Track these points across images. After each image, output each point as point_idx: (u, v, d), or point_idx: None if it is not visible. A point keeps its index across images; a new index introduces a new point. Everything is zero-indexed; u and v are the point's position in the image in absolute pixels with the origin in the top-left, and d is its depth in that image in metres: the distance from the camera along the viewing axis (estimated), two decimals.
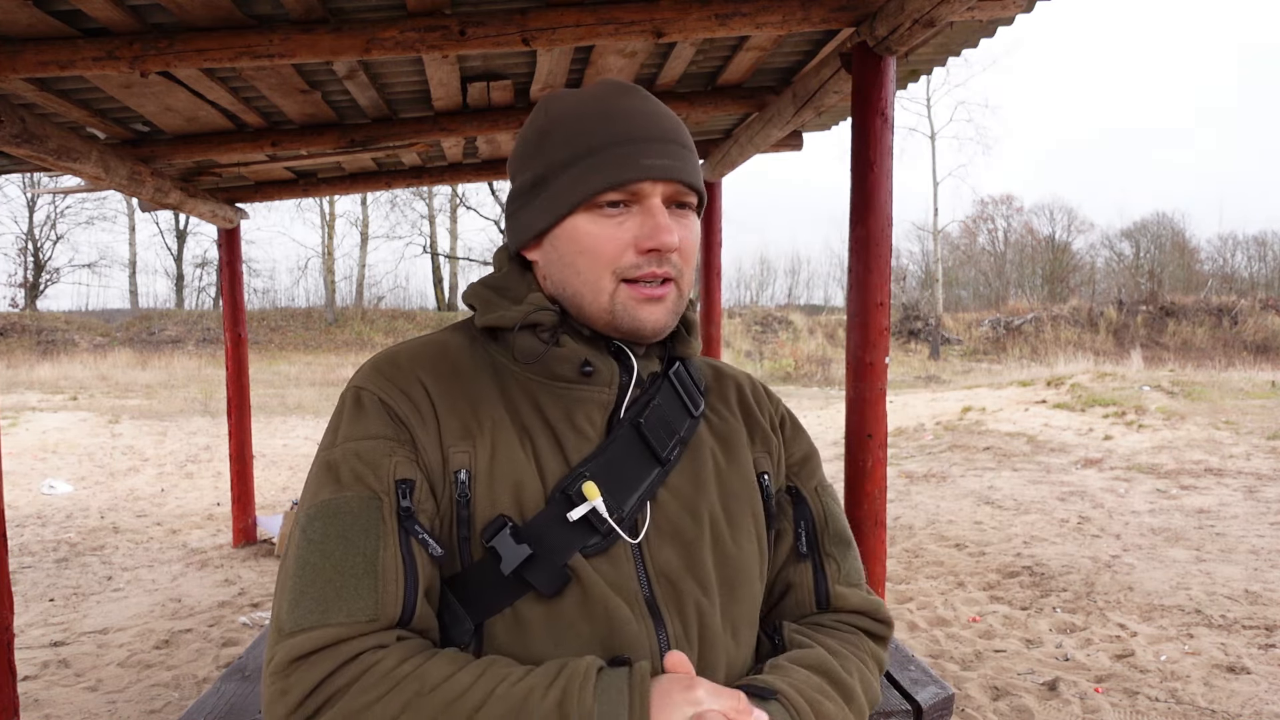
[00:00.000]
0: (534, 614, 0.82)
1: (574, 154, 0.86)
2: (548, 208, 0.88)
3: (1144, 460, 8.40)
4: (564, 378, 0.88)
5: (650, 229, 0.84)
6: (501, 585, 0.82)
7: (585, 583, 0.82)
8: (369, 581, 0.77)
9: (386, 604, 0.77)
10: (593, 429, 0.88)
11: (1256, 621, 4.12)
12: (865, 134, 2.85)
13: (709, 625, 0.86)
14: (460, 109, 4.01)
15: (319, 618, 0.75)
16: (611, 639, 0.82)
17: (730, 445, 0.96)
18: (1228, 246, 37.94)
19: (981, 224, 39.18)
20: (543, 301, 0.89)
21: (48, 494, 7.95)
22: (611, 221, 0.85)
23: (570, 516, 0.83)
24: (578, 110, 0.88)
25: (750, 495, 0.94)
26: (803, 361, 22.63)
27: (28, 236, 31.77)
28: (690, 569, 0.87)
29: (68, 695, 3.56)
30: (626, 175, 0.83)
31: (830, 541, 0.98)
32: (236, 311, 6.11)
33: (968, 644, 3.93)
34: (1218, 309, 26.35)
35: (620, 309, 0.86)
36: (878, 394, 2.93)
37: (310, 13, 2.70)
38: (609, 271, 0.85)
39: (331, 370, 21.17)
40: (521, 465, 0.85)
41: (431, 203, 32.81)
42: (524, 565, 0.81)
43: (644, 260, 0.84)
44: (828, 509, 1.00)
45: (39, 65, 2.69)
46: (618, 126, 0.85)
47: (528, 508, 0.83)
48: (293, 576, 0.78)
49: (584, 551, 0.83)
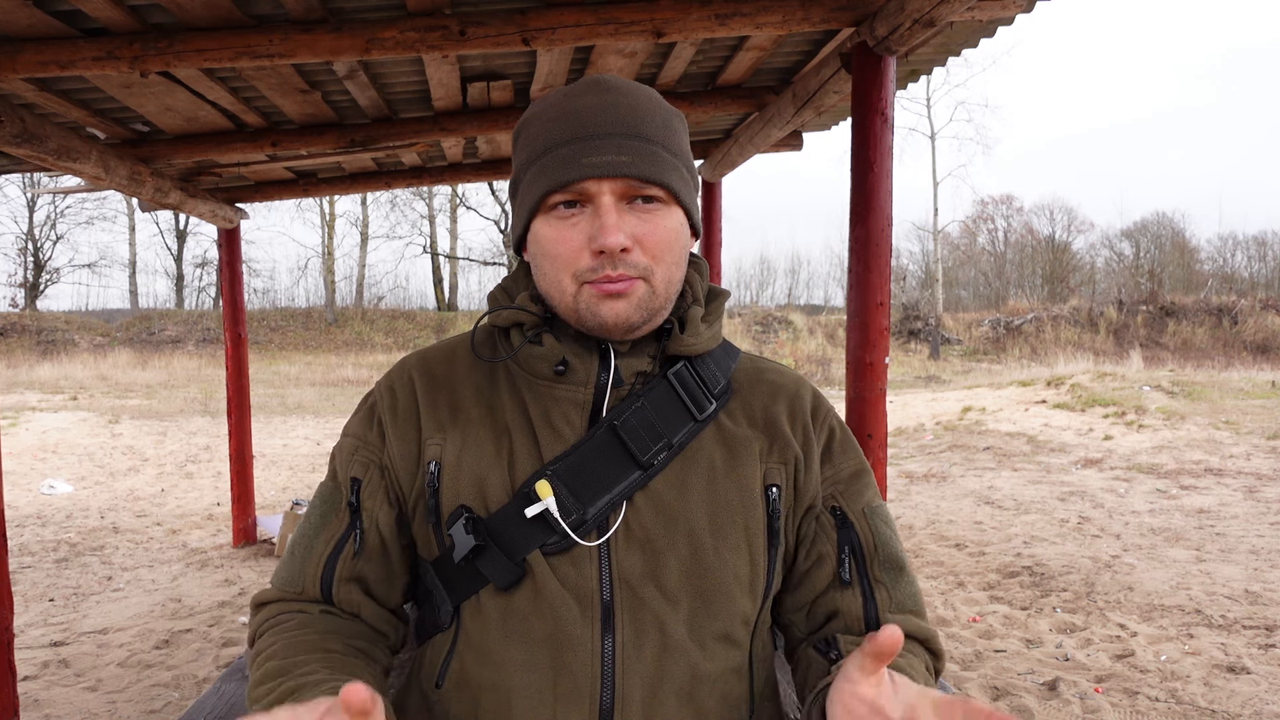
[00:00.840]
0: (493, 605, 0.86)
1: (530, 157, 0.86)
2: (519, 212, 0.89)
3: (1144, 460, 8.40)
4: (542, 375, 0.89)
5: (595, 230, 0.81)
6: (466, 573, 0.87)
7: (538, 580, 0.84)
8: (303, 558, 0.92)
9: (308, 581, 0.91)
10: (570, 428, 0.88)
11: (1256, 621, 4.12)
12: (865, 134, 2.85)
13: (670, 634, 0.84)
14: (460, 109, 4.01)
15: (274, 577, 0.94)
16: (555, 640, 0.83)
17: (735, 454, 0.90)
18: (1228, 246, 37.99)
19: (981, 224, 39.20)
20: (525, 301, 0.91)
21: (48, 494, 7.94)
22: (565, 223, 0.83)
23: (527, 513, 0.84)
24: (539, 112, 0.88)
25: (747, 507, 0.88)
26: (803, 361, 22.62)
27: (28, 236, 31.78)
28: (654, 576, 0.85)
29: (68, 695, 3.56)
30: (567, 176, 0.81)
31: (880, 567, 0.92)
32: (236, 311, 6.11)
33: (968, 644, 3.93)
34: (1218, 309, 26.34)
35: (584, 307, 0.84)
36: (878, 394, 2.93)
37: (310, 13, 2.70)
38: (569, 274, 0.84)
39: (331, 370, 21.17)
40: (489, 460, 0.87)
41: (431, 203, 32.83)
42: (476, 557, 0.85)
43: (599, 262, 0.82)
44: (876, 532, 0.93)
45: (39, 65, 2.69)
46: (565, 125, 0.83)
47: (492, 502, 0.86)
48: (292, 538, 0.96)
49: (544, 549, 0.84)
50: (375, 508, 0.91)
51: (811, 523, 0.93)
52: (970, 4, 2.41)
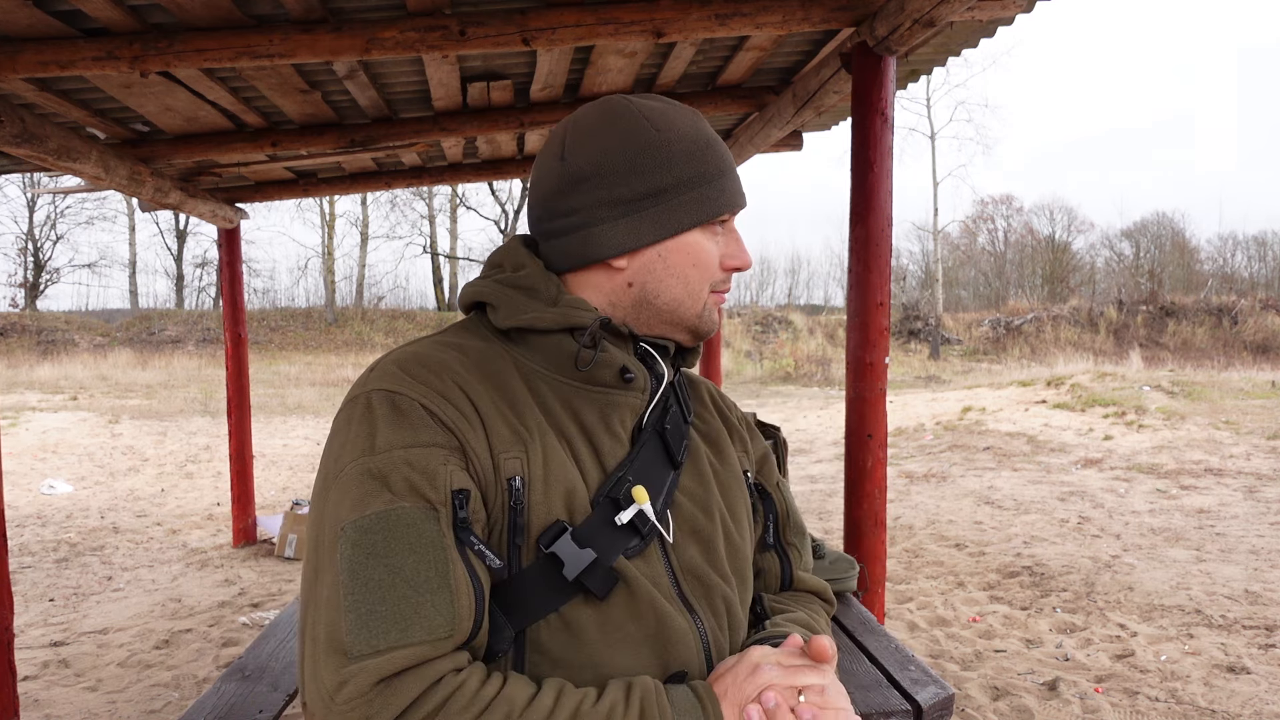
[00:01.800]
0: (583, 617, 0.83)
1: (699, 174, 0.92)
2: (666, 220, 0.91)
3: (1144, 460, 8.40)
4: (603, 383, 0.90)
5: (737, 250, 0.96)
6: (551, 591, 0.82)
7: (632, 584, 0.85)
8: (445, 596, 0.74)
9: (462, 619, 0.74)
10: (625, 433, 0.91)
11: (1256, 621, 4.12)
12: (865, 134, 2.85)
13: (735, 613, 0.93)
14: (460, 109, 4.01)
15: (399, 636, 0.72)
16: (660, 636, 0.85)
17: (718, 445, 1.02)
18: (1228, 246, 37.97)
19: (981, 224, 39.19)
20: (586, 305, 0.90)
21: (48, 494, 7.94)
22: (716, 240, 0.94)
23: (619, 520, 0.85)
24: (691, 133, 0.93)
25: (741, 491, 1.01)
26: (803, 361, 22.63)
27: (28, 236, 31.78)
28: (712, 563, 0.92)
29: (68, 695, 3.56)
30: (736, 202, 0.94)
31: (792, 532, 1.09)
32: (236, 311, 6.11)
33: (968, 644, 3.93)
34: (1218, 309, 26.34)
35: (707, 314, 0.95)
36: (878, 394, 2.93)
37: (310, 13, 2.70)
38: (708, 283, 0.94)
39: (331, 370, 21.17)
40: (571, 470, 0.86)
41: (431, 203, 32.81)
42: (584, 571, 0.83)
43: (726, 276, 0.96)
44: (788, 502, 1.10)
45: (39, 65, 2.69)
46: (717, 156, 0.94)
47: (577, 513, 0.84)
48: (352, 593, 0.73)
49: (626, 554, 0.86)
50: (484, 521, 0.81)
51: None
52: (970, 4, 2.41)
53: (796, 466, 9.07)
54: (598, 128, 0.92)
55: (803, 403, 14.81)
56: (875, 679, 1.76)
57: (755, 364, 22.91)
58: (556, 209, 0.92)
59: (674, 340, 0.97)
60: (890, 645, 1.94)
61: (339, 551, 0.75)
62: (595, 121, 0.92)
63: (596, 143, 0.91)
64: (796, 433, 11.37)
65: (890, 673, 1.79)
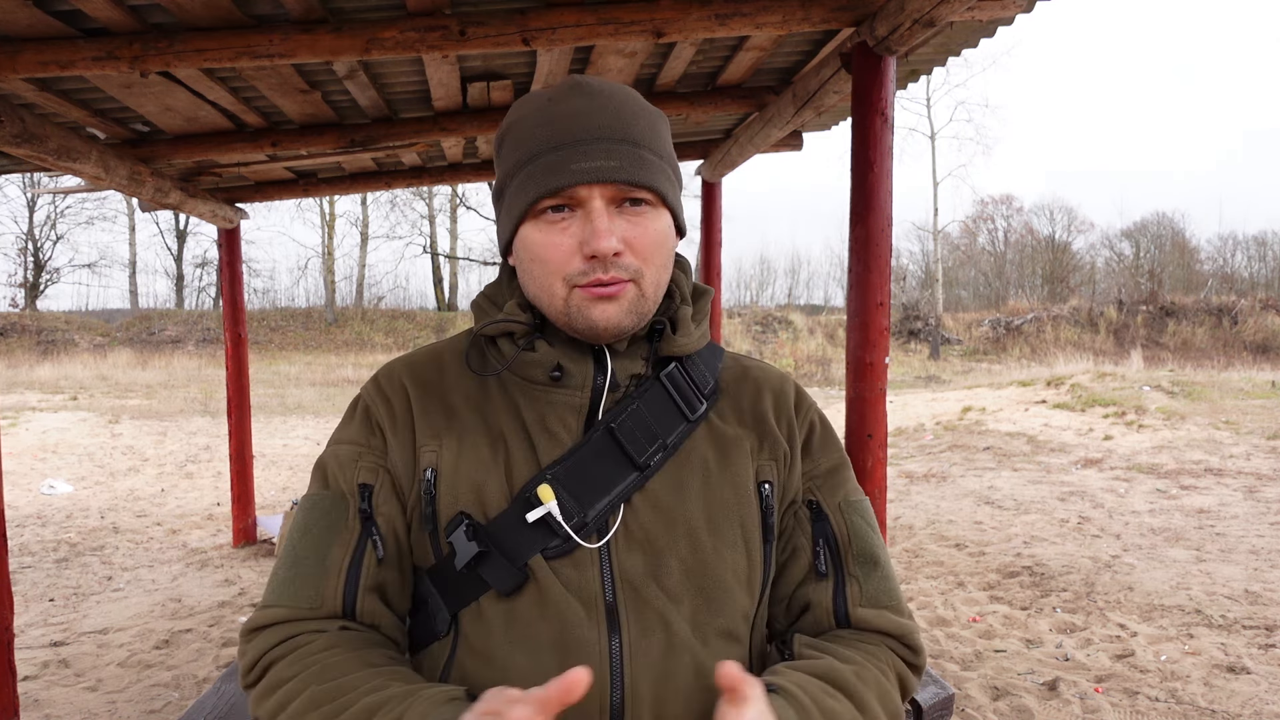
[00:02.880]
0: (495, 611, 0.85)
1: (518, 162, 0.87)
2: (506, 217, 0.89)
3: (1144, 460, 8.40)
4: (537, 381, 0.90)
5: (587, 234, 0.83)
6: (466, 580, 0.86)
7: (542, 584, 0.84)
8: (318, 572, 0.86)
9: (327, 596, 0.85)
10: (566, 432, 0.88)
11: (1256, 621, 4.12)
12: (865, 134, 2.85)
13: (675, 632, 0.85)
14: (460, 109, 4.01)
15: (275, 597, 0.86)
16: (562, 643, 0.83)
17: (728, 452, 0.92)
18: (1228, 246, 37.97)
19: (981, 224, 39.20)
20: (514, 310, 0.90)
21: (48, 494, 7.95)
22: (555, 228, 0.84)
23: (528, 518, 0.84)
24: (523, 117, 0.88)
25: (742, 505, 0.90)
26: (803, 361, 22.63)
27: (28, 236, 31.78)
28: (655, 576, 0.85)
29: (68, 695, 3.56)
30: (557, 182, 0.82)
31: (855, 561, 0.93)
32: (236, 311, 6.11)
33: (968, 644, 3.93)
34: (1218, 309, 26.34)
35: (574, 311, 0.85)
36: (878, 394, 2.93)
37: (310, 13, 2.70)
38: (559, 278, 0.85)
39: (331, 370, 21.17)
40: (486, 465, 0.87)
41: (431, 203, 32.81)
42: (479, 563, 0.84)
43: (590, 266, 0.83)
44: (852, 525, 0.94)
45: (39, 65, 2.69)
46: (552, 131, 0.84)
47: (490, 507, 0.86)
48: (278, 557, 0.90)
49: (545, 553, 0.84)
50: (391, 513, 0.89)
51: (790, 517, 0.95)
52: (970, 4, 2.41)
53: None
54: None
55: None
56: None
57: None
58: None
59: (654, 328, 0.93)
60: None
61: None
62: None
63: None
64: None
65: None
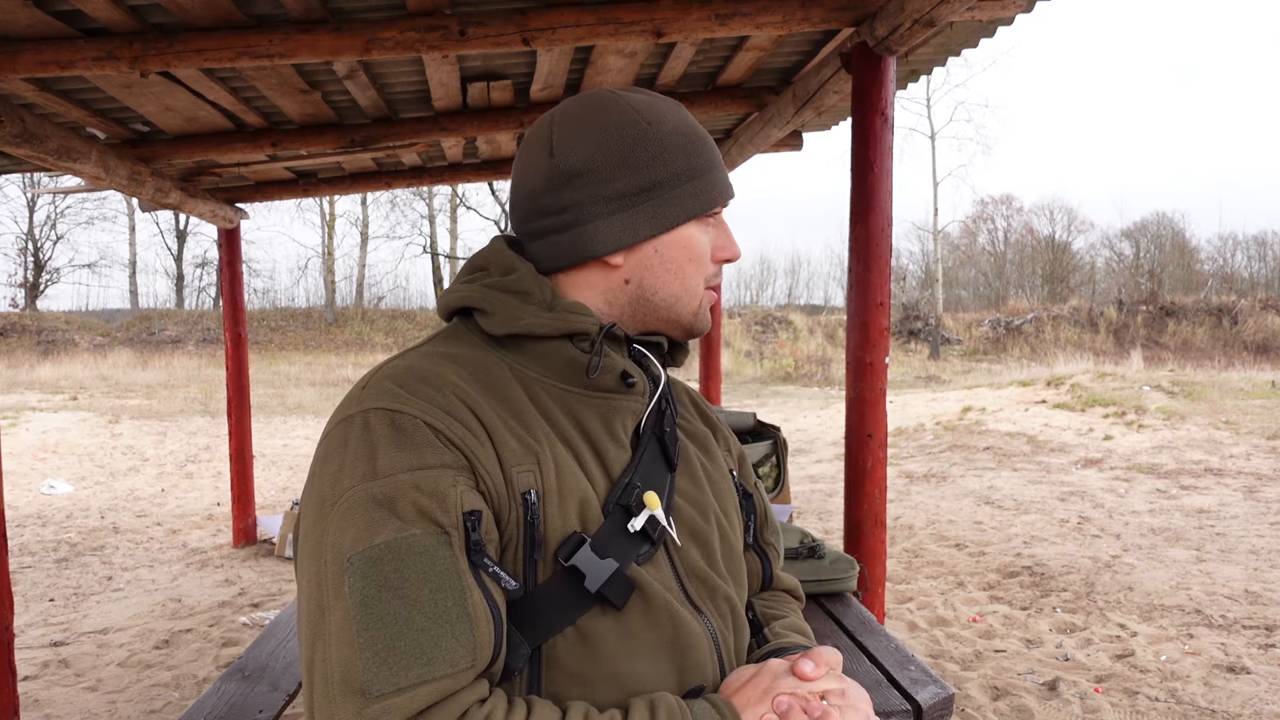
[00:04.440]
0: (601, 628, 0.81)
1: (691, 168, 0.91)
2: (661, 215, 0.89)
3: (1144, 460, 8.40)
4: (605, 388, 0.88)
5: (728, 242, 0.95)
6: (568, 605, 0.79)
7: (647, 590, 0.83)
8: (465, 625, 0.71)
9: (482, 647, 0.72)
10: (626, 438, 0.90)
11: (1256, 621, 4.12)
12: (865, 134, 2.85)
13: (738, 613, 0.94)
14: (460, 109, 4.01)
15: (421, 671, 0.69)
16: (676, 641, 0.84)
17: (706, 446, 1.02)
18: (1228, 246, 37.97)
19: (981, 224, 39.19)
20: (584, 309, 0.87)
21: (48, 494, 7.94)
22: (709, 234, 0.94)
23: (631, 526, 0.84)
24: (681, 126, 0.92)
25: (731, 491, 1.02)
26: (803, 361, 22.62)
27: (28, 236, 31.78)
28: (712, 564, 0.92)
29: (68, 695, 3.56)
30: (727, 194, 0.94)
31: (769, 532, 1.10)
32: (236, 311, 6.11)
33: (968, 644, 3.93)
34: (1218, 309, 26.33)
35: (704, 312, 0.95)
36: (878, 394, 2.93)
37: (310, 13, 2.70)
38: (704, 278, 0.93)
39: (331, 370, 21.17)
40: (581, 480, 0.83)
41: (431, 203, 32.79)
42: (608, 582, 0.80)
43: (717, 269, 0.96)
44: (765, 502, 1.11)
45: (39, 65, 2.69)
46: (709, 149, 0.93)
47: (590, 522, 0.82)
48: (366, 628, 0.69)
49: (638, 560, 0.85)
50: (496, 538, 0.78)
51: None
52: (970, 4, 2.41)
53: (796, 466, 9.07)
54: (587, 122, 0.89)
55: (803, 403, 14.81)
56: (875, 679, 1.76)
57: (755, 364, 22.90)
58: (546, 207, 0.89)
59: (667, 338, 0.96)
60: (890, 645, 1.94)
61: (347, 584, 0.71)
62: (583, 115, 0.89)
63: (588, 137, 0.88)
64: (796, 433, 11.37)
65: (890, 673, 1.79)
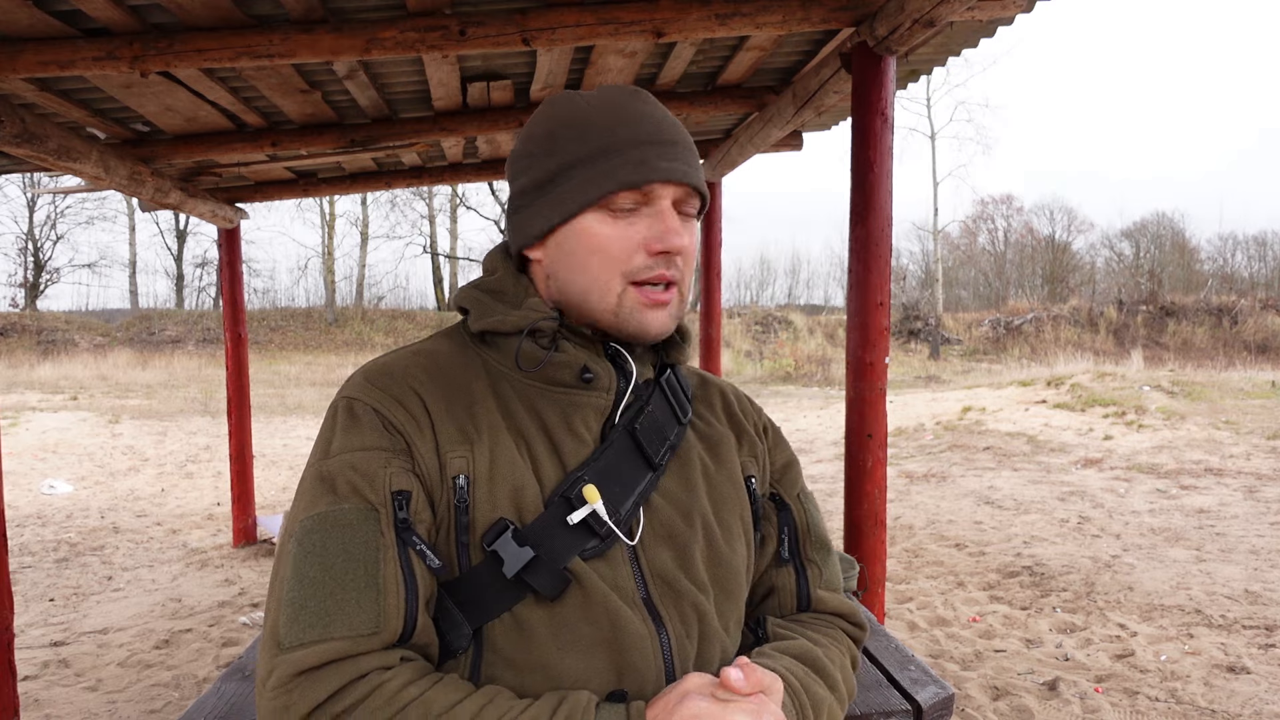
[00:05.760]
0: (535, 617, 0.83)
1: (589, 153, 0.86)
2: (557, 206, 0.87)
3: (1144, 460, 8.40)
4: (563, 383, 0.89)
5: (661, 231, 0.85)
6: (501, 589, 0.82)
7: (586, 585, 0.83)
8: (371, 595, 0.76)
9: (389, 618, 0.76)
10: (589, 434, 0.89)
11: (1256, 621, 4.12)
12: (865, 134, 2.85)
13: (708, 624, 0.89)
14: (460, 109, 4.01)
15: (321, 631, 0.74)
16: (615, 640, 0.83)
17: (718, 450, 0.97)
18: (1228, 246, 37.96)
19: (981, 224, 39.19)
20: (542, 306, 0.89)
21: (48, 494, 7.94)
22: (622, 223, 0.86)
23: (570, 519, 0.83)
24: (589, 112, 0.88)
25: (738, 499, 0.96)
26: (803, 361, 22.62)
27: (28, 236, 31.77)
28: (685, 569, 0.89)
29: (68, 695, 3.56)
30: (644, 176, 0.84)
31: (812, 548, 1.02)
32: (236, 311, 6.11)
33: (968, 644, 3.93)
34: (1218, 309, 26.33)
35: (626, 312, 0.87)
36: (878, 394, 2.93)
37: (310, 13, 2.70)
38: (619, 273, 0.86)
39: (331, 370, 21.17)
40: (520, 469, 0.85)
41: (431, 203, 32.81)
42: (525, 568, 0.81)
43: (654, 262, 0.85)
44: (810, 516, 1.03)
45: (39, 65, 2.69)
46: (634, 129, 0.86)
47: (526, 511, 0.84)
48: (290, 589, 0.76)
49: (582, 555, 0.84)
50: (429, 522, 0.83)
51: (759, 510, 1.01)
52: (970, 4, 2.41)
53: None
54: (534, 116, 0.93)
55: (803, 403, 14.81)
56: (875, 679, 1.76)
57: (755, 364, 22.90)
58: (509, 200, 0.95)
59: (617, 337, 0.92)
60: (890, 645, 1.94)
61: (289, 548, 0.79)
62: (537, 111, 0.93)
63: (528, 127, 0.92)
64: (796, 433, 11.37)
65: (890, 672, 1.79)
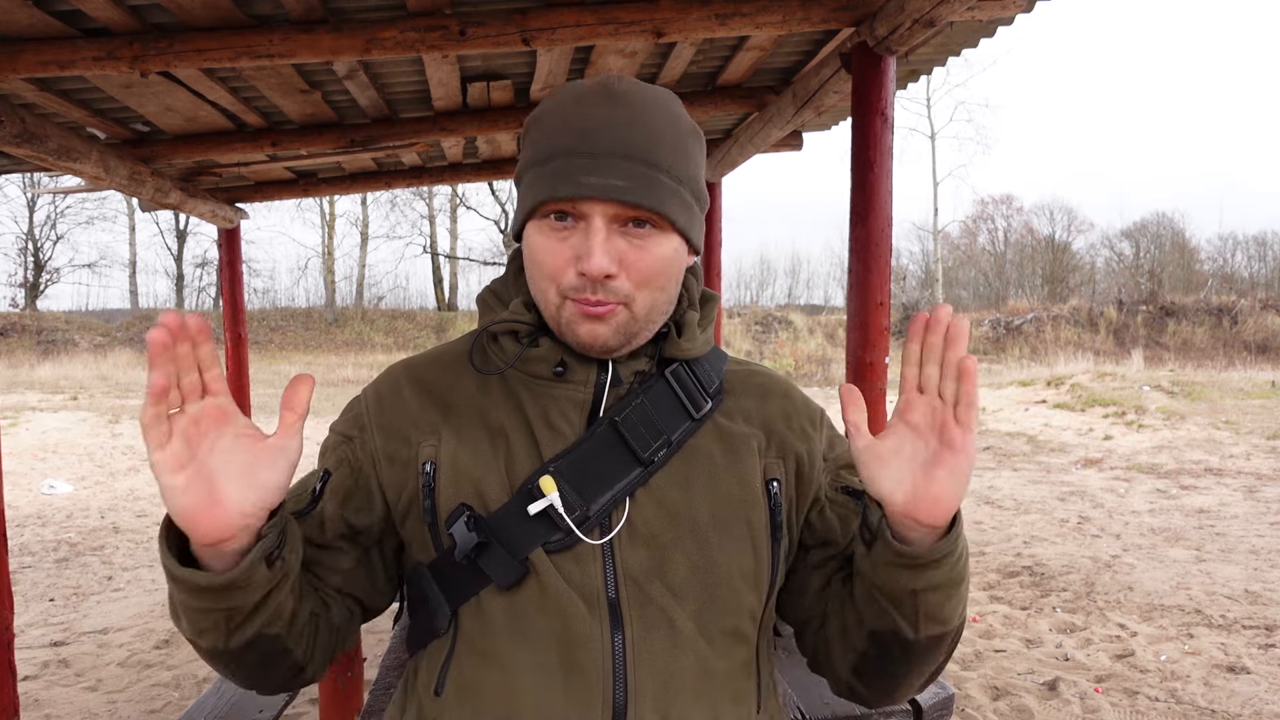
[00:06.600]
0: (495, 605, 0.85)
1: (535, 158, 0.84)
2: (518, 209, 0.88)
3: (1144, 460, 8.40)
4: (541, 377, 0.90)
5: (582, 251, 0.80)
6: (467, 574, 0.86)
7: (542, 578, 0.84)
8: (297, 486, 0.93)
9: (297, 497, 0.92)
10: (569, 427, 0.89)
11: (1256, 621, 4.12)
12: (865, 134, 2.85)
13: (679, 630, 0.84)
14: (460, 109, 4.01)
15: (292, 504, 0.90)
16: (564, 637, 0.83)
17: (735, 450, 0.91)
18: (1228, 246, 37.96)
19: (981, 224, 39.19)
20: (519, 309, 0.91)
21: (48, 494, 7.94)
22: (556, 235, 0.82)
23: (530, 510, 0.84)
24: (551, 110, 0.85)
25: (748, 502, 0.90)
26: (803, 361, 22.62)
27: (28, 236, 31.77)
28: (660, 572, 0.85)
29: (68, 695, 3.56)
30: (563, 190, 0.80)
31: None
32: (236, 311, 6.11)
33: (968, 644, 3.93)
34: (1218, 309, 26.33)
35: (564, 323, 0.85)
36: (878, 394, 2.93)
37: (310, 13, 2.70)
38: (553, 286, 0.83)
39: (331, 370, 21.17)
40: (486, 459, 0.87)
41: (431, 203, 32.81)
42: (480, 555, 0.84)
43: (581, 283, 0.81)
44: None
45: (39, 65, 2.68)
46: (570, 135, 0.81)
47: (491, 500, 0.86)
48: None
49: (547, 547, 0.84)
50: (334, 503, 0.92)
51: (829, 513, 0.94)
52: (970, 4, 2.40)
53: None
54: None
55: None
56: None
57: None
58: None
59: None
60: None
61: None
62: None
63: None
64: None
65: None
